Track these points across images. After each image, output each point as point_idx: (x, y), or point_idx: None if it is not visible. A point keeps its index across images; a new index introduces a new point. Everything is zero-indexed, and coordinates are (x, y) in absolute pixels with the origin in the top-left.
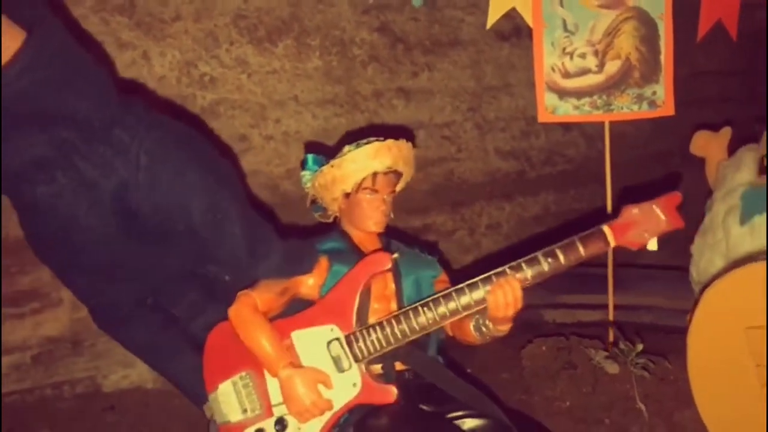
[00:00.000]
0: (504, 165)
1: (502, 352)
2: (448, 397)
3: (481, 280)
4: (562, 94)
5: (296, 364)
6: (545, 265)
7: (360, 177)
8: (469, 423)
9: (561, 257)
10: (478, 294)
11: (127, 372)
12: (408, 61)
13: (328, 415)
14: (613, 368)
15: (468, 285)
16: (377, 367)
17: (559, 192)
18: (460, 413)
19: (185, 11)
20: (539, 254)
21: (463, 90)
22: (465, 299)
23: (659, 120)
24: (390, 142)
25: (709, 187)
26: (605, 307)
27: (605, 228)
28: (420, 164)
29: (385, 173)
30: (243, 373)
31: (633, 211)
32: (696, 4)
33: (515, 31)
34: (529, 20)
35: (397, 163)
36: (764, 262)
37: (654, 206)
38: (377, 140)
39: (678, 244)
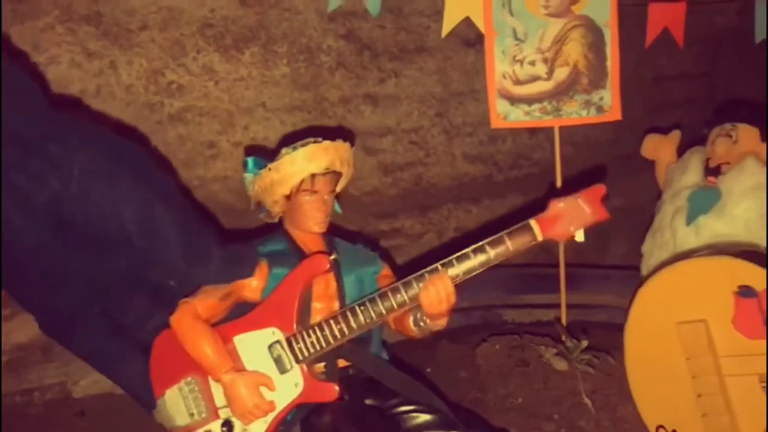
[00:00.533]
0: (471, 169)
1: (461, 351)
2: (391, 392)
3: (414, 278)
4: (514, 100)
5: (239, 368)
6: (475, 261)
7: (298, 179)
8: (413, 417)
9: (490, 252)
10: (413, 291)
11: (98, 378)
12: (375, 68)
13: (272, 415)
14: (561, 365)
15: (403, 283)
16: (320, 366)
17: (526, 195)
18: (404, 408)
19: (152, 21)
20: (469, 250)
21: (430, 96)
22: (400, 297)
23: (624, 123)
24: (327, 143)
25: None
26: (567, 306)
27: (532, 222)
28: (388, 169)
29: (324, 174)
30: (188, 378)
31: (559, 205)
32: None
33: (480, 38)
34: (483, 28)
35: (334, 163)
36: (693, 260)
37: (578, 199)
38: (314, 142)
39: (633, 245)
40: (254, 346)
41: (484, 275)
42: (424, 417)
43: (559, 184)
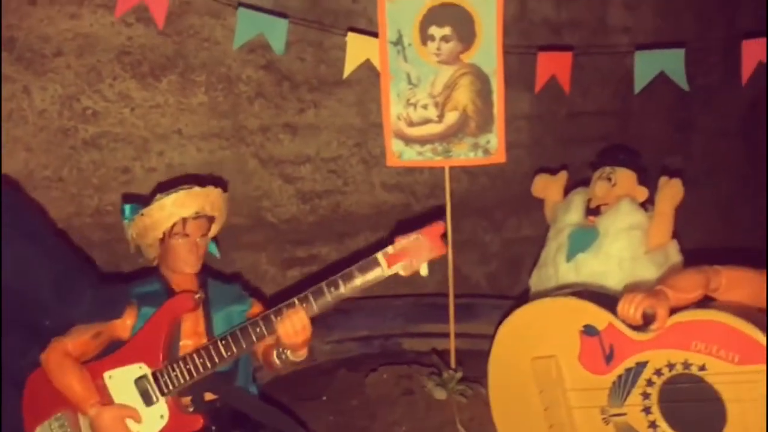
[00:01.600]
0: (390, 198)
1: (356, 380)
2: (258, 423)
3: (273, 312)
4: (408, 140)
5: (106, 402)
6: (328, 295)
7: (169, 223)
8: None
9: (342, 287)
10: (271, 325)
11: None
12: (294, 98)
13: None
14: (440, 394)
15: (262, 317)
16: (187, 399)
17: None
18: None
19: (67, 47)
20: (323, 285)
21: (349, 126)
22: (259, 331)
23: (538, 157)
24: (196, 189)
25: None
26: (460, 335)
27: (379, 257)
28: (306, 197)
29: (195, 218)
30: (58, 414)
31: (402, 242)
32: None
33: None
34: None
35: (204, 208)
36: (545, 299)
37: (420, 236)
38: (185, 188)
39: None
40: (122, 381)
41: (384, 305)
42: None
43: (449, 218)
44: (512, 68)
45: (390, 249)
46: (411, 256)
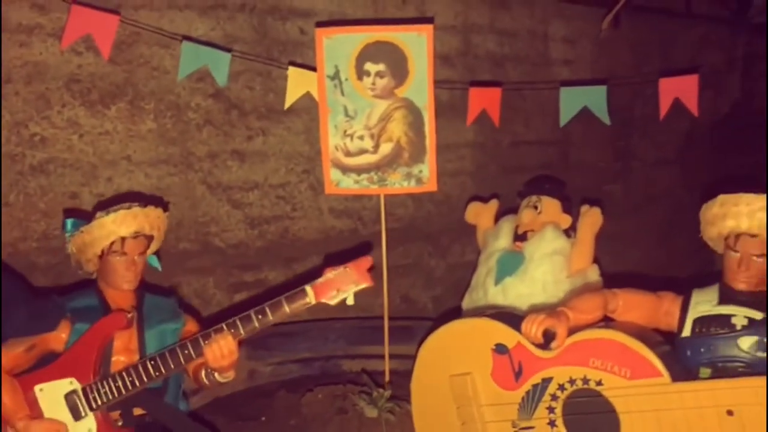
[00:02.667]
0: (338, 223)
1: (293, 401)
2: None
3: (202, 335)
4: (345, 169)
5: (36, 416)
6: (256, 322)
7: (108, 242)
8: None
9: (269, 314)
10: (199, 348)
11: None
12: (243, 126)
13: None
14: (372, 412)
15: (191, 340)
16: (115, 414)
17: (389, 249)
18: None
19: (16, 75)
20: (252, 312)
21: (298, 153)
22: (187, 353)
23: (482, 184)
24: (136, 209)
25: None
26: (398, 356)
27: (308, 288)
28: (255, 222)
29: (134, 237)
30: None
31: (330, 274)
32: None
33: None
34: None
35: (143, 228)
36: (461, 320)
37: (347, 268)
38: (125, 207)
39: None
40: (53, 394)
41: (326, 327)
42: None
43: (384, 243)
44: (456, 100)
45: (318, 280)
46: (338, 287)
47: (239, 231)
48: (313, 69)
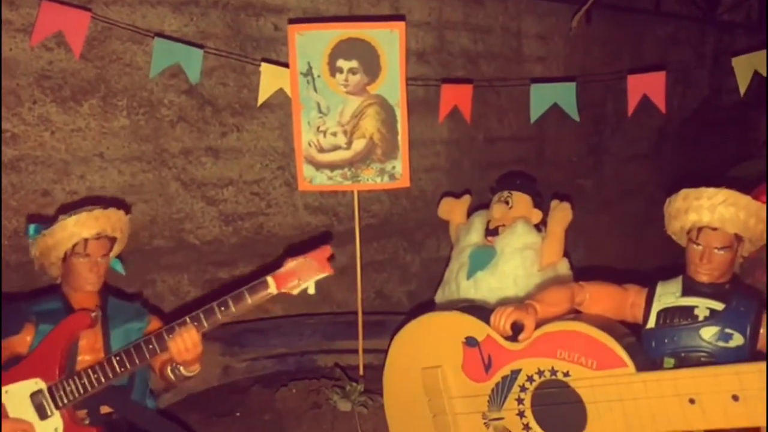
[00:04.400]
0: (313, 219)
1: (269, 396)
2: None
3: (165, 329)
4: (318, 166)
5: (2, 417)
6: (219, 314)
7: (70, 243)
8: None
9: (232, 306)
10: (163, 342)
11: None
12: (217, 122)
13: None
14: (345, 406)
15: (155, 335)
16: (82, 412)
17: (364, 244)
18: None
19: None
20: (215, 305)
21: (273, 150)
22: (152, 347)
23: (456, 180)
24: (98, 211)
25: None
26: (372, 351)
27: (269, 278)
28: (229, 218)
29: (97, 239)
30: None
31: (291, 264)
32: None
33: None
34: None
35: (105, 230)
36: (432, 314)
37: (307, 258)
38: (87, 209)
39: None
40: (18, 395)
41: (301, 323)
42: None
43: (357, 239)
44: (430, 96)
45: (279, 271)
46: (299, 277)
47: (214, 227)
48: (287, 65)
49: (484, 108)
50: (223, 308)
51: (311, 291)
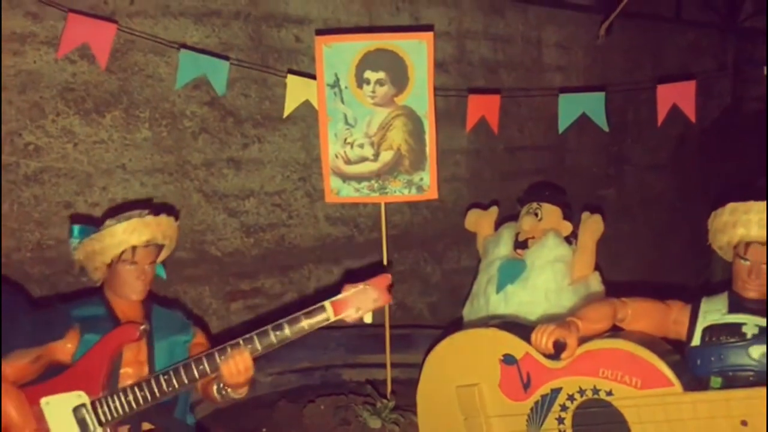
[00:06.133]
0: (333, 231)
1: (296, 411)
2: None
3: (217, 350)
4: (345, 177)
5: (43, 429)
6: (273, 338)
7: (118, 250)
8: None
9: (287, 330)
10: (214, 363)
11: None
12: (238, 133)
13: None
14: (375, 423)
15: (206, 355)
16: (124, 428)
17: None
18: None
19: (9, 83)
20: (269, 328)
21: (294, 161)
22: (202, 368)
23: (477, 190)
24: (149, 218)
25: None
26: (398, 365)
27: (327, 304)
28: (250, 230)
29: (145, 246)
30: None
31: (351, 291)
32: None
33: None
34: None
35: (155, 237)
36: (468, 331)
37: (367, 286)
38: (137, 215)
39: None
40: (60, 408)
41: (325, 336)
42: None
43: (385, 251)
44: (451, 106)
45: (338, 297)
46: (357, 305)
47: (235, 239)
48: (311, 76)
49: (505, 117)
50: (278, 332)
51: (368, 320)
